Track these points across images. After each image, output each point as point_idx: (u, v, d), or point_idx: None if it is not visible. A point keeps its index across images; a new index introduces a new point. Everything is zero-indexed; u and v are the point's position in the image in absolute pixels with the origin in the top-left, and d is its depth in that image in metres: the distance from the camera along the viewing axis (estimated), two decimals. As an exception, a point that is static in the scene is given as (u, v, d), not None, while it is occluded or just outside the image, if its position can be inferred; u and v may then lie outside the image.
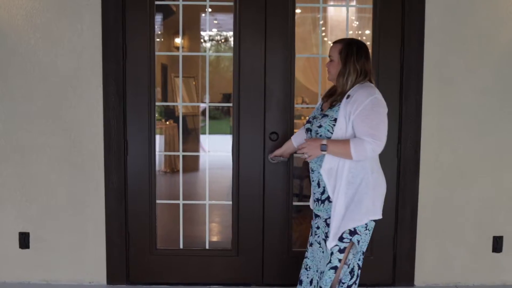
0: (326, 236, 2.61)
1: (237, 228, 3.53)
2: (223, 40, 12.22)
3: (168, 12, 7.45)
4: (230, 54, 3.47)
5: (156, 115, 3.49)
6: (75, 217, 3.50)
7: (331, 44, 2.70)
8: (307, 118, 2.92)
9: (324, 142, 2.51)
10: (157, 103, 3.47)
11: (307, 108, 7.10)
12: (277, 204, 3.50)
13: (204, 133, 9.26)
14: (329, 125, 2.56)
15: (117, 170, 3.45)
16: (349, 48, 2.58)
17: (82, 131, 3.44)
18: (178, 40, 4.88)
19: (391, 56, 3.44)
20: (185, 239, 3.66)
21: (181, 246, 3.63)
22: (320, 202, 2.66)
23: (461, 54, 3.42)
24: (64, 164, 3.46)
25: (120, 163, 3.45)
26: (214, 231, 4.94)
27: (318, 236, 2.71)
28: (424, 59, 3.41)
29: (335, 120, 2.55)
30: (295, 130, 3.37)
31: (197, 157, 8.76)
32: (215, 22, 9.98)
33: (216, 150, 5.28)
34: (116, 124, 3.42)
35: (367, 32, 6.71)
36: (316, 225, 2.74)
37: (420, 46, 3.41)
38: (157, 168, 3.56)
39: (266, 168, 3.47)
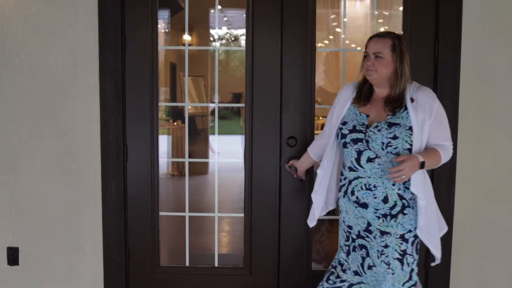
0: (404, 253, 2.39)
1: (250, 244, 3.16)
2: (232, 39, 11.98)
3: (176, 8, 7.27)
4: (242, 48, 3.11)
5: (164, 115, 3.15)
6: (69, 230, 3.17)
7: (372, 39, 2.41)
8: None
9: (421, 158, 2.29)
10: (160, 103, 3.11)
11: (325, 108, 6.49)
12: (295, 217, 3.12)
13: (213, 133, 9.01)
14: (406, 135, 2.33)
15: (115, 179, 3.10)
16: (402, 44, 2.38)
17: (77, 134, 3.10)
18: (186, 37, 4.57)
19: (424, 52, 3.07)
20: (192, 253, 3.30)
21: (187, 263, 3.27)
22: (389, 217, 2.39)
23: (504, 49, 3.04)
24: (57, 171, 3.12)
25: (119, 171, 3.10)
26: (224, 241, 4.59)
27: (387, 256, 2.40)
28: (461, 54, 3.03)
29: (410, 128, 2.32)
30: (316, 132, 3.01)
31: (205, 159, 8.53)
32: (225, 19, 9.75)
33: (226, 152, 4.97)
34: (114, 127, 3.07)
35: (382, 29, 6.42)
36: (383, 244, 2.41)
37: (457, 40, 3.02)
38: (163, 171, 3.21)
39: (283, 176, 3.10)
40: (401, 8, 3.12)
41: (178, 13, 7.58)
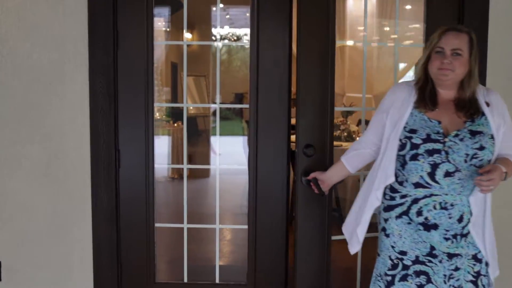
0: (478, 275, 2.14)
1: (254, 259, 2.89)
2: (235, 39, 11.79)
3: (176, 5, 7.13)
4: (245, 43, 2.83)
5: (164, 116, 2.89)
6: (56, 244, 2.90)
7: (448, 32, 2.09)
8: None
9: (504, 169, 2.04)
10: (156, 104, 2.84)
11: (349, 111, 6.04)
12: (308, 230, 2.80)
13: (214, 134, 8.82)
14: (491, 145, 2.06)
15: (107, 187, 2.83)
16: (476, 40, 2.12)
17: (65, 138, 2.83)
18: (187, 36, 4.34)
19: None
20: (191, 265, 3.03)
21: (185, 280, 3.00)
22: (460, 237, 2.12)
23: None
24: (43, 179, 2.85)
25: (111, 178, 2.83)
26: (226, 251, 4.32)
27: (457, 280, 2.13)
28: (488, 50, 2.77)
29: (492, 137, 2.07)
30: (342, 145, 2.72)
31: (207, 162, 8.29)
32: (227, 17, 9.54)
33: (228, 153, 4.71)
34: (105, 130, 2.80)
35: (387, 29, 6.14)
36: (452, 267, 2.13)
37: (483, 34, 2.74)
38: (163, 174, 2.94)
39: (295, 186, 2.80)
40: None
41: (178, 11, 7.39)
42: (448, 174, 2.04)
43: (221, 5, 2.88)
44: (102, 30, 2.75)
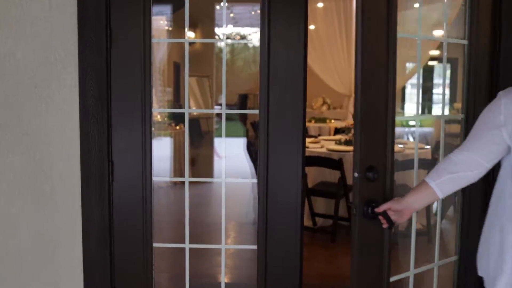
0: None
1: (264, 283, 2.57)
2: (238, 38, 11.55)
3: (178, 4, 6.88)
4: (250, 42, 2.52)
5: (165, 118, 2.57)
6: (42, 266, 2.59)
7: None
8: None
9: None
10: (154, 110, 2.52)
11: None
12: (366, 272, 2.39)
13: (218, 135, 8.59)
14: None
15: (99, 202, 2.52)
16: None
17: (52, 148, 2.51)
18: (190, 34, 4.07)
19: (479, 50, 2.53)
20: (193, 283, 2.70)
21: (187, 302, 2.68)
22: None
23: None
24: (28, 193, 2.54)
25: (104, 192, 2.51)
26: (230, 265, 4.00)
27: None
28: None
29: None
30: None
31: (210, 165, 8.05)
32: (231, 15, 9.29)
33: (233, 156, 4.44)
34: (97, 139, 2.48)
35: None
36: None
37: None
38: (165, 179, 2.61)
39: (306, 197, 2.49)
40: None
41: (181, 9, 7.16)
42: None
43: (226, 4, 2.57)
44: (93, 26, 2.43)
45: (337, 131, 7.66)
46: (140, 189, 2.54)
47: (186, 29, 2.56)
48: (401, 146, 5.17)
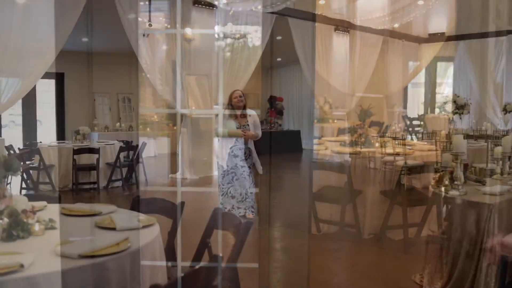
0: None
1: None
2: (237, 36, 11.43)
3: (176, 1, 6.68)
4: (249, 41, 2.43)
5: (163, 118, 2.52)
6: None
7: None
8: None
9: None
10: (147, 110, 2.43)
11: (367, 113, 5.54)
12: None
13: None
14: None
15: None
16: None
17: None
18: (188, 31, 4.00)
19: None
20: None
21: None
22: None
23: None
24: None
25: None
26: None
27: None
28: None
29: None
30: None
31: (210, 165, 8.02)
32: (231, 13, 9.20)
33: None
34: None
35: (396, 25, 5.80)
36: None
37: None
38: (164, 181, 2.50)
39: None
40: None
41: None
42: None
43: (225, 1, 2.47)
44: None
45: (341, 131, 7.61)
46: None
47: (178, 26, 2.48)
48: None
